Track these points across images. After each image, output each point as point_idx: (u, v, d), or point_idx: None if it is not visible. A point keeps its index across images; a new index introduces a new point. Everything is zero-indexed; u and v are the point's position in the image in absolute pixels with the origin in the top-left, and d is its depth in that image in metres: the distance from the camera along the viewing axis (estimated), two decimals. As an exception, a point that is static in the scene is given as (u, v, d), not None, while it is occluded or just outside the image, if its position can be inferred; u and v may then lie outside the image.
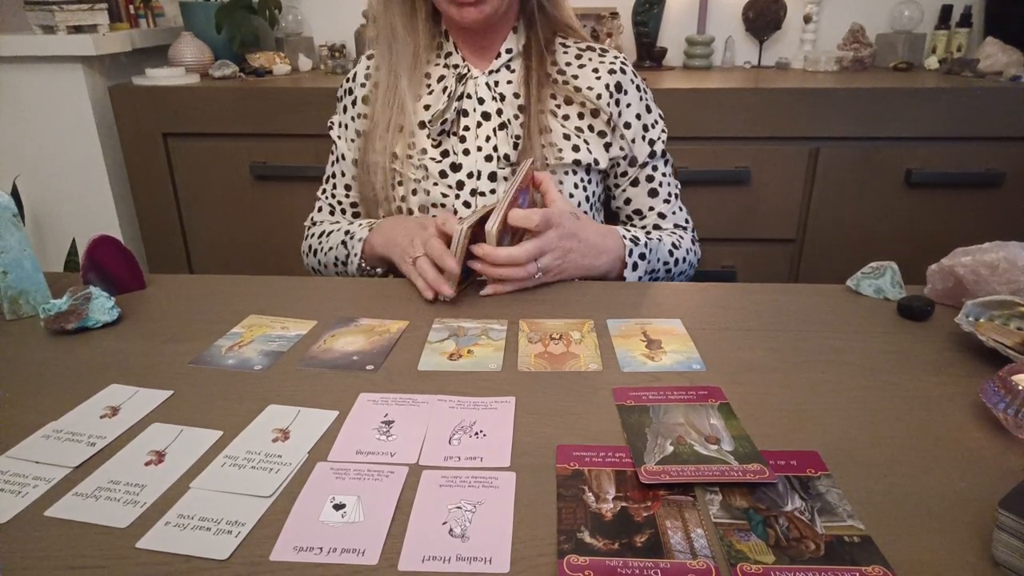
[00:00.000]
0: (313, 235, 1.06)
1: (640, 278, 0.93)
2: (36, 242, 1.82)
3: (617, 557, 0.43)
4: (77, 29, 1.69)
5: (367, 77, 1.00)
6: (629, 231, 0.94)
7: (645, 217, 1.02)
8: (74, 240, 1.79)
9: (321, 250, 1.02)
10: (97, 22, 1.72)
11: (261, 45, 1.95)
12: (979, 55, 1.75)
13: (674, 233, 1.01)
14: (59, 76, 1.69)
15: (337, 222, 1.05)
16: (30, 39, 1.65)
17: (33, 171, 1.77)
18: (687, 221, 1.05)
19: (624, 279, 0.91)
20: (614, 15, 1.89)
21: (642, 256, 0.92)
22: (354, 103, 1.02)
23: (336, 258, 1.00)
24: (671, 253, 0.97)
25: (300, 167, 1.63)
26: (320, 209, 1.10)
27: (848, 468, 0.51)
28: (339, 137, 1.04)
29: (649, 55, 1.94)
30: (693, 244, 1.03)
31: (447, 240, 0.79)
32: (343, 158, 1.04)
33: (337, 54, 1.94)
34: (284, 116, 1.63)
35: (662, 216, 1.02)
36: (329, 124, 1.06)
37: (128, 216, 1.84)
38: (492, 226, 0.78)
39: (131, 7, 1.92)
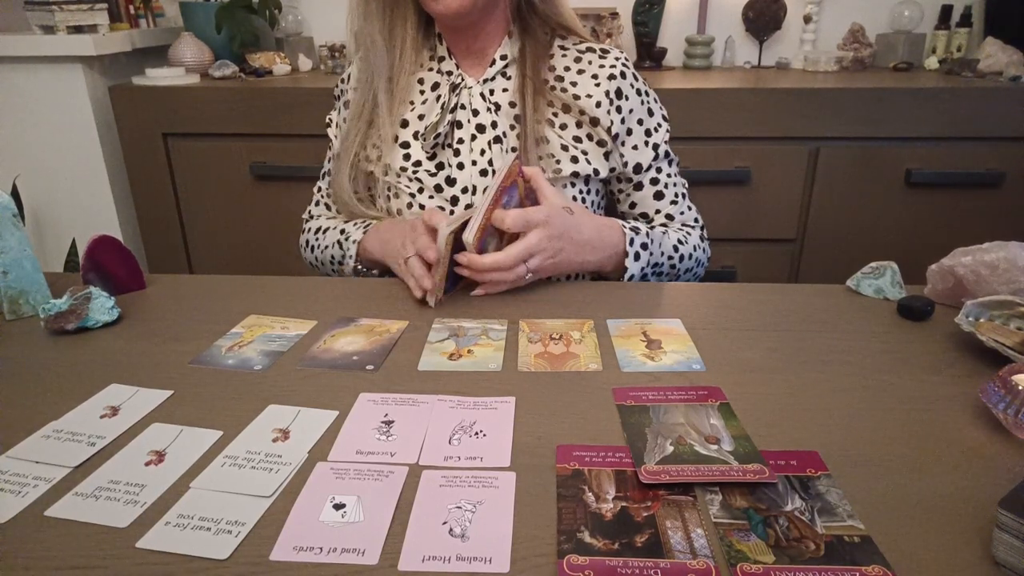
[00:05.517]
0: (310, 230, 1.06)
1: (643, 270, 0.91)
2: (36, 242, 1.82)
3: (617, 557, 0.43)
4: (77, 29, 1.69)
5: (359, 80, 1.00)
6: (630, 222, 0.93)
7: (652, 220, 1.01)
8: (74, 240, 1.79)
9: (318, 247, 1.03)
10: (97, 22, 1.72)
11: (261, 45, 1.95)
12: (979, 55, 1.75)
13: (680, 230, 1.00)
14: (59, 76, 1.69)
15: (334, 217, 1.05)
16: (30, 39, 1.65)
17: (33, 171, 1.77)
18: (696, 220, 1.03)
19: (626, 271, 0.89)
20: (614, 15, 1.89)
21: (644, 246, 0.90)
22: (347, 105, 1.02)
23: (332, 256, 1.00)
24: (676, 248, 0.96)
25: (300, 167, 1.63)
26: (317, 203, 1.10)
27: (848, 468, 0.51)
28: (335, 136, 1.04)
29: (649, 55, 1.94)
30: (702, 242, 1.02)
31: (435, 235, 0.78)
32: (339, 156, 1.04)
33: (337, 54, 1.94)
34: (284, 116, 1.63)
35: (670, 217, 1.01)
36: (327, 120, 1.07)
37: (128, 216, 1.84)
38: (470, 235, 0.77)
39: (131, 7, 1.93)
